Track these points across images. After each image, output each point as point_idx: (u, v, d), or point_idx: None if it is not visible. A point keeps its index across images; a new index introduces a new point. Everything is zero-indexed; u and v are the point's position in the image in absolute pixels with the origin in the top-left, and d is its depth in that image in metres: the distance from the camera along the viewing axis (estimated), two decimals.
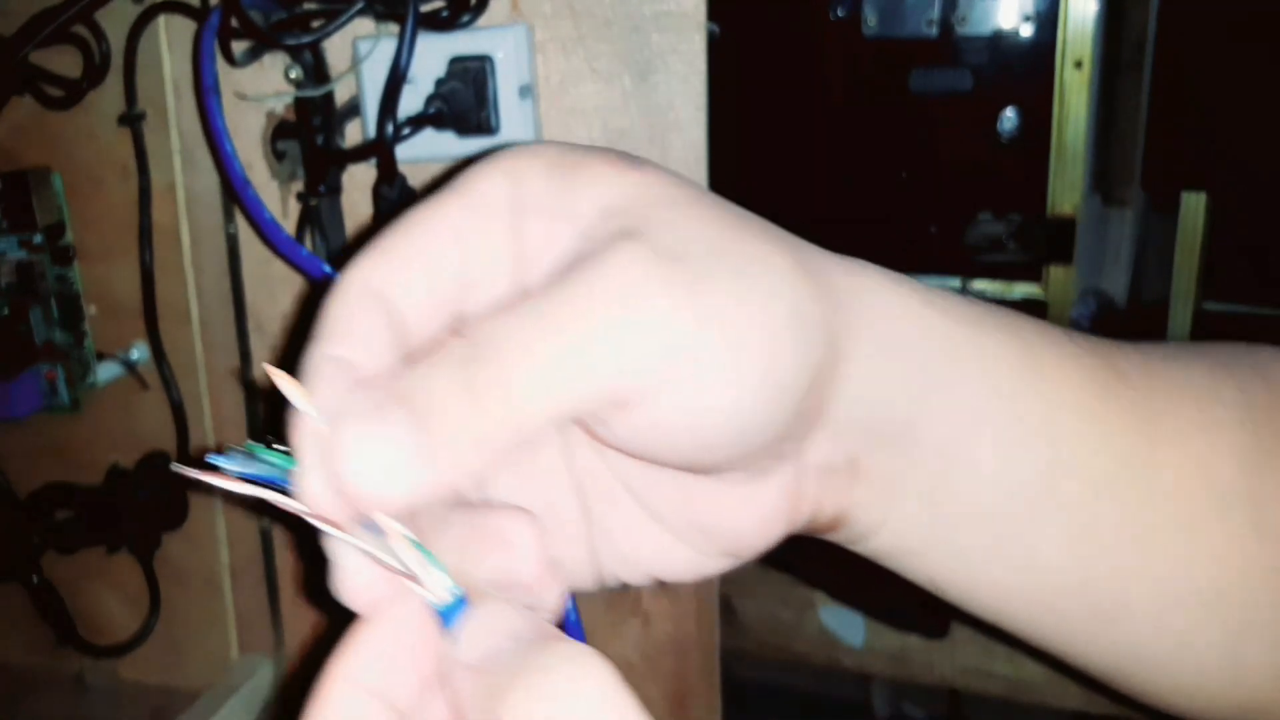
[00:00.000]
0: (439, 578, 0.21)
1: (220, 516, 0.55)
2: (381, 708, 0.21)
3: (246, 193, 0.47)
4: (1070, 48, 0.97)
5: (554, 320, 0.21)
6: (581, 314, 0.21)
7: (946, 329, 0.27)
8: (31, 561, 0.56)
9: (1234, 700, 0.29)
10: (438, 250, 0.24)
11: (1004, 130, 1.01)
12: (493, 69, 0.45)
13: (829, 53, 1.06)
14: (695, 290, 0.22)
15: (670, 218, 0.23)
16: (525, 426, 0.21)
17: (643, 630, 0.51)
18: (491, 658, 0.20)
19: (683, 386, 0.22)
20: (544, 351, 0.21)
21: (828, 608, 0.78)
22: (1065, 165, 0.99)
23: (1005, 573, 0.28)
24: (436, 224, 0.24)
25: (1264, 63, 0.91)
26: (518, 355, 0.21)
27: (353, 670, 0.21)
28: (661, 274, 0.22)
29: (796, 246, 0.25)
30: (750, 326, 0.22)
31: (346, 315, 0.23)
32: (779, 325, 0.23)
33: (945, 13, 1.00)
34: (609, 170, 0.24)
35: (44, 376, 0.53)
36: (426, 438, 0.20)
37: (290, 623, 0.55)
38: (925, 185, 1.03)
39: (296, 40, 0.45)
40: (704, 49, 0.45)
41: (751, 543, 0.28)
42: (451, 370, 0.21)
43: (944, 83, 1.01)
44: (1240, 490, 0.28)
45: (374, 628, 0.21)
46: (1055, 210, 1.01)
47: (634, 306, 0.21)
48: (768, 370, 0.23)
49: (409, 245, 0.24)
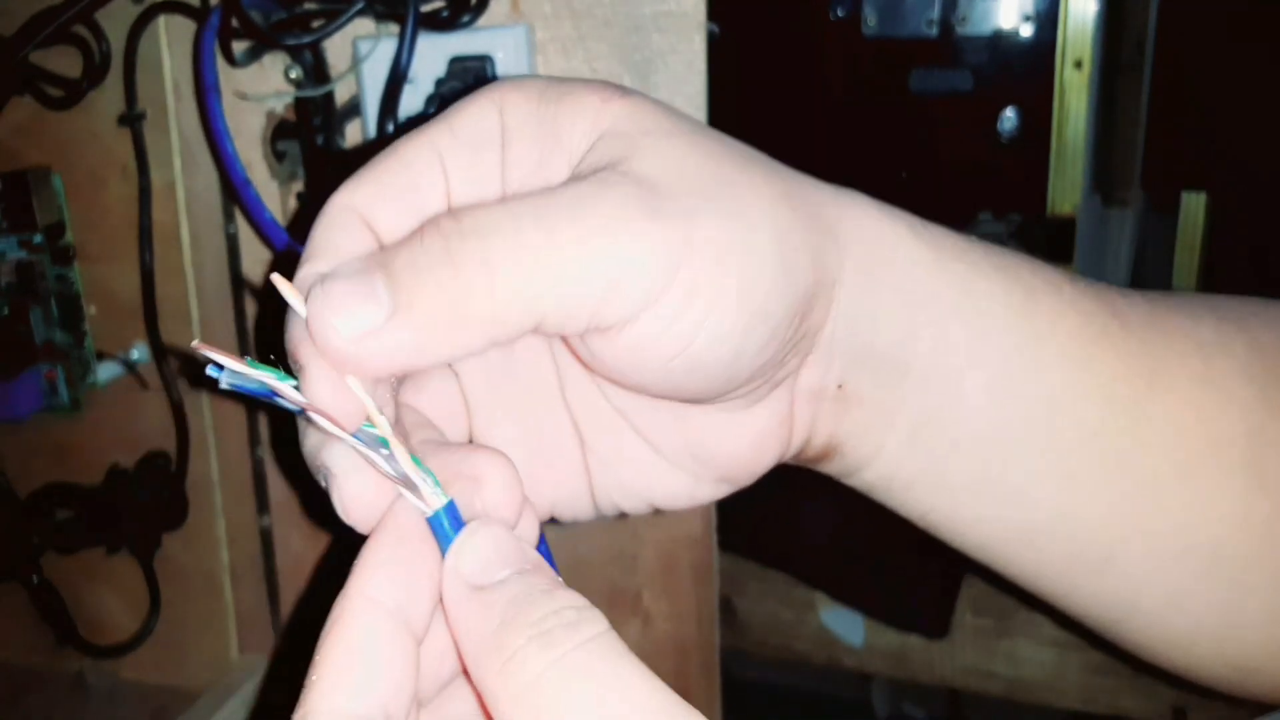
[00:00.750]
0: (430, 485, 0.21)
1: (220, 516, 0.55)
2: (399, 626, 0.20)
3: (247, 193, 0.47)
4: (1070, 48, 0.97)
5: (542, 226, 0.21)
6: (566, 230, 0.21)
7: (938, 261, 0.27)
8: (31, 561, 0.56)
9: (1228, 659, 0.29)
10: (423, 175, 0.24)
11: (1004, 130, 1.01)
12: (493, 69, 0.45)
13: (829, 53, 1.06)
14: (675, 217, 0.22)
15: (656, 146, 0.23)
16: (501, 319, 0.21)
17: (643, 630, 0.51)
18: (491, 588, 0.20)
19: (661, 311, 0.22)
20: (528, 253, 0.21)
21: (828, 608, 0.78)
22: (1065, 165, 0.99)
23: (993, 509, 0.28)
24: (423, 150, 0.24)
25: (1264, 63, 0.91)
26: (504, 248, 0.21)
27: (370, 589, 0.21)
28: (643, 201, 0.22)
29: (785, 176, 0.25)
30: (730, 252, 0.23)
31: (333, 235, 0.23)
32: (761, 251, 0.23)
33: (945, 13, 1.00)
34: (595, 99, 0.24)
35: (44, 376, 0.53)
36: (405, 300, 0.21)
37: (290, 623, 0.55)
38: (925, 185, 1.03)
39: (296, 40, 0.45)
40: (704, 49, 0.45)
41: (747, 468, 0.28)
42: (437, 243, 0.21)
43: (944, 83, 1.01)
44: (1242, 445, 0.27)
45: (385, 545, 0.21)
46: (1055, 210, 1.01)
47: (616, 232, 0.22)
48: (749, 294, 0.23)
49: (395, 170, 0.24)
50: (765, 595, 0.81)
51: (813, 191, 0.26)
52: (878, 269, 0.26)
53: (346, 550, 0.22)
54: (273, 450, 0.54)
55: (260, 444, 0.54)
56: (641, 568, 0.50)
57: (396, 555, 0.21)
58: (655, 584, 0.50)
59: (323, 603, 0.21)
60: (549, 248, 0.21)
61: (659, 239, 0.22)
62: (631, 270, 0.22)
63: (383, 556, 0.21)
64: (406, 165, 0.24)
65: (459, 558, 0.21)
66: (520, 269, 0.21)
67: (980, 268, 0.27)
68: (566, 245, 0.21)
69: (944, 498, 0.29)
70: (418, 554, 0.21)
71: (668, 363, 0.23)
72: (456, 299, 0.21)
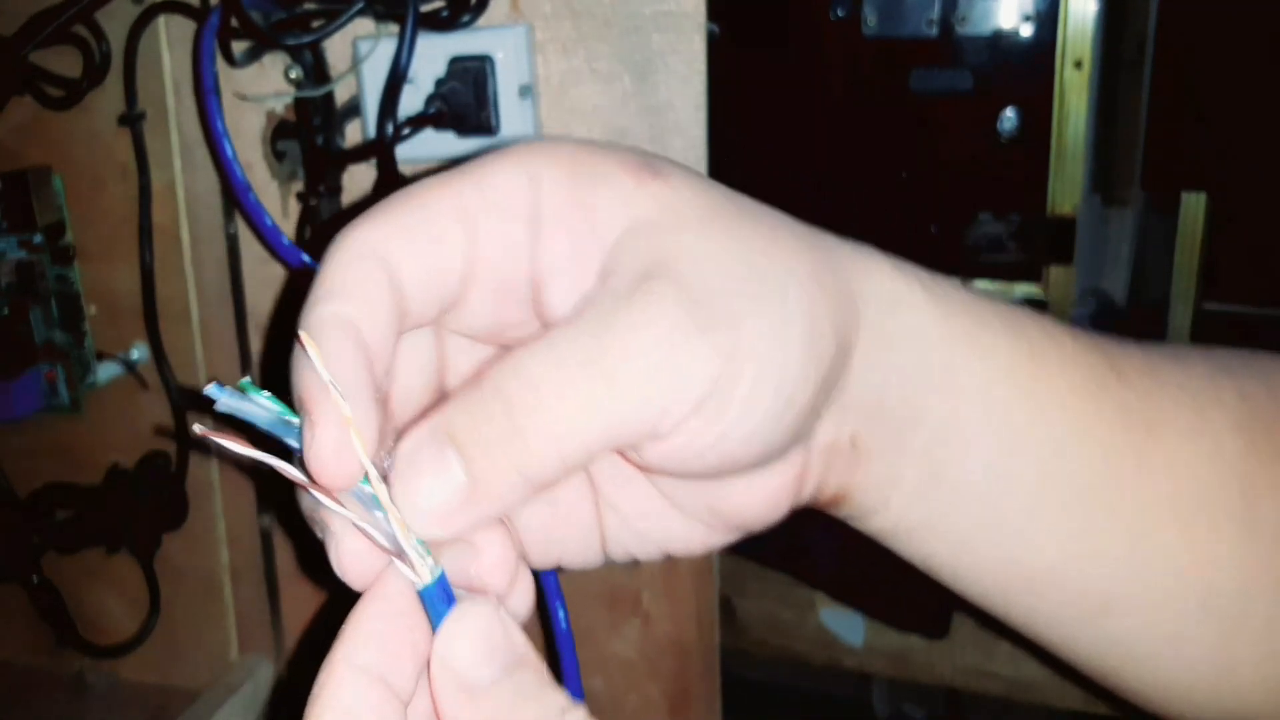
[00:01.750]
0: (422, 557, 0.22)
1: (220, 516, 0.55)
2: (385, 691, 0.21)
3: (247, 198, 0.46)
4: (1070, 48, 0.97)
5: (595, 364, 0.22)
6: (620, 359, 0.22)
7: (947, 318, 0.27)
8: (31, 561, 0.56)
9: (1223, 704, 0.30)
10: (448, 231, 0.24)
11: (1004, 130, 1.01)
12: (493, 69, 0.45)
13: (829, 53, 1.06)
14: (723, 328, 0.23)
15: (695, 243, 0.24)
16: (567, 463, 0.22)
17: (643, 630, 0.51)
18: (481, 692, 0.21)
19: (707, 415, 0.23)
20: (586, 394, 0.22)
21: (828, 608, 0.78)
22: (1065, 165, 0.99)
23: (998, 560, 0.29)
24: (450, 205, 0.24)
25: (1264, 63, 0.91)
26: (561, 398, 0.22)
27: (355, 655, 0.21)
28: (693, 315, 0.23)
29: (811, 244, 0.26)
30: (770, 353, 0.23)
31: (349, 274, 0.23)
32: (794, 344, 0.24)
33: (945, 12, 1.00)
34: (630, 182, 0.24)
35: (44, 376, 0.53)
36: (477, 479, 0.22)
37: (290, 623, 0.55)
38: (925, 185, 1.03)
39: (296, 40, 0.45)
40: (704, 49, 0.45)
41: (762, 519, 0.28)
42: (497, 410, 0.22)
43: (944, 83, 1.01)
44: (1233, 492, 0.28)
45: (373, 611, 0.22)
46: (1055, 210, 1.01)
47: (672, 355, 0.22)
48: (781, 388, 0.24)
49: (418, 218, 0.24)
50: (765, 595, 0.81)
51: (834, 256, 0.26)
52: (891, 327, 0.27)
53: (342, 606, 0.22)
54: (276, 514, 0.54)
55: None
56: (642, 568, 0.50)
57: (384, 624, 0.22)
58: (655, 584, 0.50)
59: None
60: (610, 397, 0.22)
61: (711, 353, 0.23)
62: (686, 387, 0.23)
63: (370, 625, 0.22)
64: (430, 217, 0.24)
65: (448, 648, 0.21)
66: (582, 423, 0.22)
67: (988, 323, 0.28)
68: (628, 387, 0.22)
69: (946, 545, 0.29)
70: (406, 623, 0.22)
71: (700, 456, 0.24)
72: (524, 470, 0.22)
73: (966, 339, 0.27)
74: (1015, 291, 1.04)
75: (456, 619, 0.21)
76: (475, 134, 0.46)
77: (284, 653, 0.56)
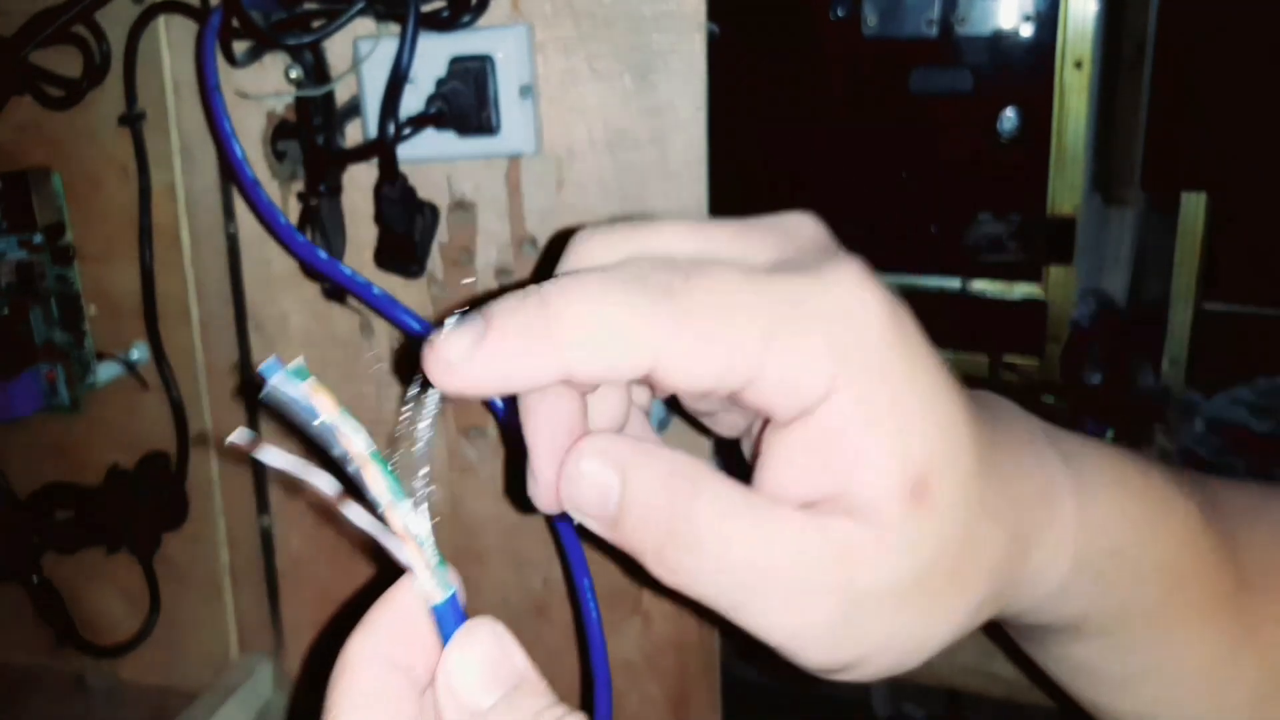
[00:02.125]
0: (438, 576, 0.22)
1: (220, 516, 0.55)
2: (402, 679, 0.22)
3: (260, 197, 0.46)
4: (1070, 48, 0.97)
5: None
6: None
7: (1144, 547, 0.29)
8: (31, 561, 0.56)
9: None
10: (745, 348, 0.23)
11: (1004, 130, 1.01)
12: (493, 69, 0.45)
13: (829, 53, 1.06)
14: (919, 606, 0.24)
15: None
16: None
17: (643, 630, 0.51)
18: (476, 705, 0.22)
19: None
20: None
21: None
22: (1065, 165, 0.99)
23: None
24: (756, 330, 0.23)
25: (1264, 63, 0.91)
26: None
27: (373, 645, 0.22)
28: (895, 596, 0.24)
29: (991, 478, 0.25)
30: (951, 621, 0.25)
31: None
32: (968, 610, 0.25)
33: (945, 13, 1.00)
34: (896, 510, 0.24)
35: (44, 376, 0.53)
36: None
37: (290, 623, 0.55)
38: (925, 185, 1.03)
39: (297, 40, 0.45)
40: (704, 49, 0.45)
41: None
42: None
43: (944, 83, 1.01)
44: None
45: (389, 610, 0.23)
46: (1055, 210, 1.01)
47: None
48: (955, 630, 0.25)
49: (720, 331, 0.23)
50: None
51: (1034, 474, 0.27)
52: (1095, 554, 0.28)
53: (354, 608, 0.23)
54: None
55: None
56: (642, 568, 0.50)
57: (401, 621, 0.23)
58: (655, 584, 0.50)
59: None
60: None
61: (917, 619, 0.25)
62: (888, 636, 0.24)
63: (388, 619, 0.23)
64: (735, 341, 0.23)
65: (452, 673, 0.22)
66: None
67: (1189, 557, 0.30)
68: None
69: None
70: (419, 625, 0.23)
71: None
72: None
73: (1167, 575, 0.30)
74: (1015, 291, 1.04)
75: (460, 643, 0.22)
76: (476, 134, 0.46)
77: (284, 653, 0.56)
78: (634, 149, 0.46)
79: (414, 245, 0.47)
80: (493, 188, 0.48)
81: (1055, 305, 1.02)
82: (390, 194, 0.46)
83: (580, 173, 0.47)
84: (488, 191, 0.48)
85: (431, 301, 0.50)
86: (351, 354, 0.51)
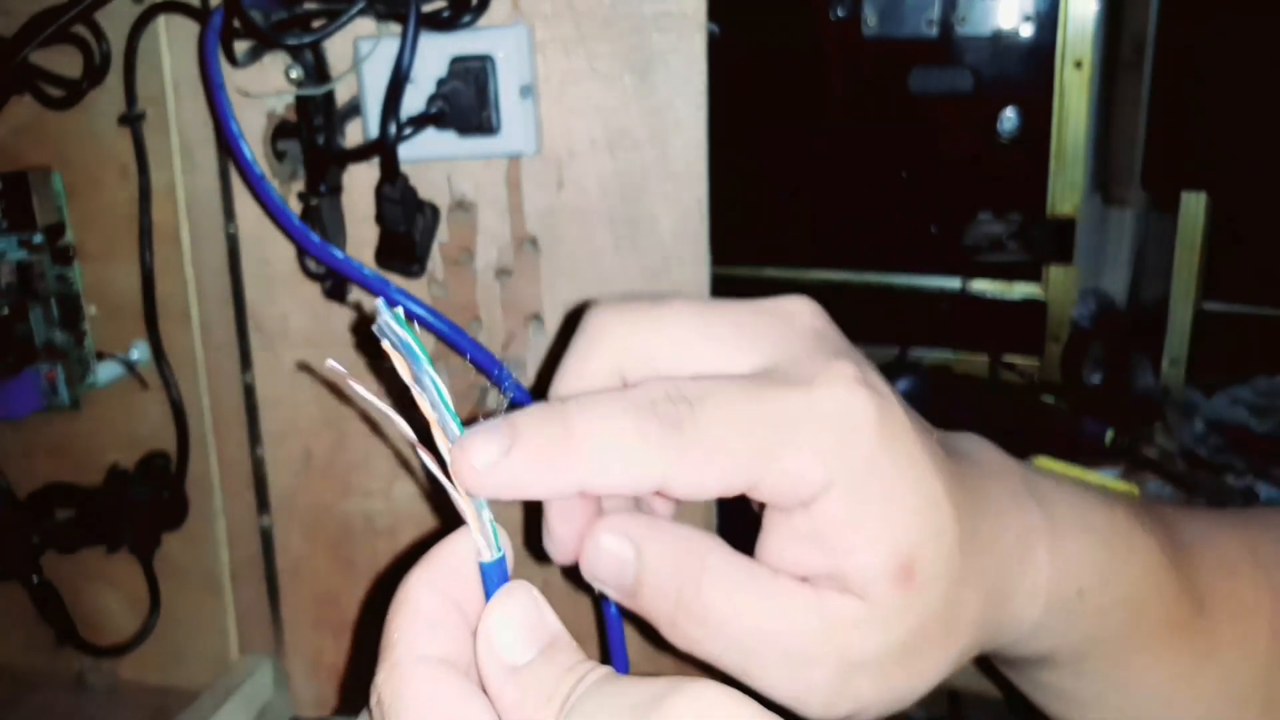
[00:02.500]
0: (490, 536, 0.24)
1: (220, 516, 0.55)
2: (458, 614, 0.24)
3: (270, 197, 0.46)
4: (1070, 48, 0.97)
5: None
6: None
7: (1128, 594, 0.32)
8: (31, 561, 0.56)
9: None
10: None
11: (1004, 130, 1.01)
12: (494, 69, 0.45)
13: (829, 53, 1.06)
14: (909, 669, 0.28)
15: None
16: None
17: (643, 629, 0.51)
18: (522, 670, 0.23)
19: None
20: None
21: None
22: (1065, 165, 0.99)
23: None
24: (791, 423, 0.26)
25: (1264, 63, 0.91)
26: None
27: (434, 577, 0.24)
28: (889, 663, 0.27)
29: (975, 545, 0.28)
30: (937, 671, 0.28)
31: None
32: (950, 662, 0.28)
33: (945, 13, 1.00)
34: (888, 591, 0.27)
35: (44, 376, 0.53)
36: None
37: (290, 623, 0.55)
38: (925, 185, 1.03)
39: (297, 40, 0.45)
40: (704, 49, 0.45)
41: None
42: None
43: (944, 83, 1.01)
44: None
45: (451, 547, 0.25)
46: (1055, 210, 1.01)
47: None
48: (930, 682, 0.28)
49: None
50: None
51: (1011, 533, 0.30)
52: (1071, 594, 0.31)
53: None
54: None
55: (260, 444, 0.54)
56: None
57: (458, 562, 0.25)
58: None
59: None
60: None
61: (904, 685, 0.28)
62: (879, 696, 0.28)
63: (446, 558, 0.25)
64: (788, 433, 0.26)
65: (494, 630, 0.24)
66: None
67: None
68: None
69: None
70: (469, 577, 0.25)
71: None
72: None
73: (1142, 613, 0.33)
74: (1015, 291, 1.04)
75: (502, 600, 0.24)
76: (476, 134, 0.46)
77: (284, 652, 0.56)
78: (634, 149, 0.46)
79: (414, 245, 0.47)
80: (493, 187, 0.48)
81: (1055, 305, 1.02)
82: (391, 194, 0.46)
83: (580, 173, 0.47)
84: (488, 191, 0.48)
85: (432, 301, 0.50)
86: (352, 354, 0.51)
